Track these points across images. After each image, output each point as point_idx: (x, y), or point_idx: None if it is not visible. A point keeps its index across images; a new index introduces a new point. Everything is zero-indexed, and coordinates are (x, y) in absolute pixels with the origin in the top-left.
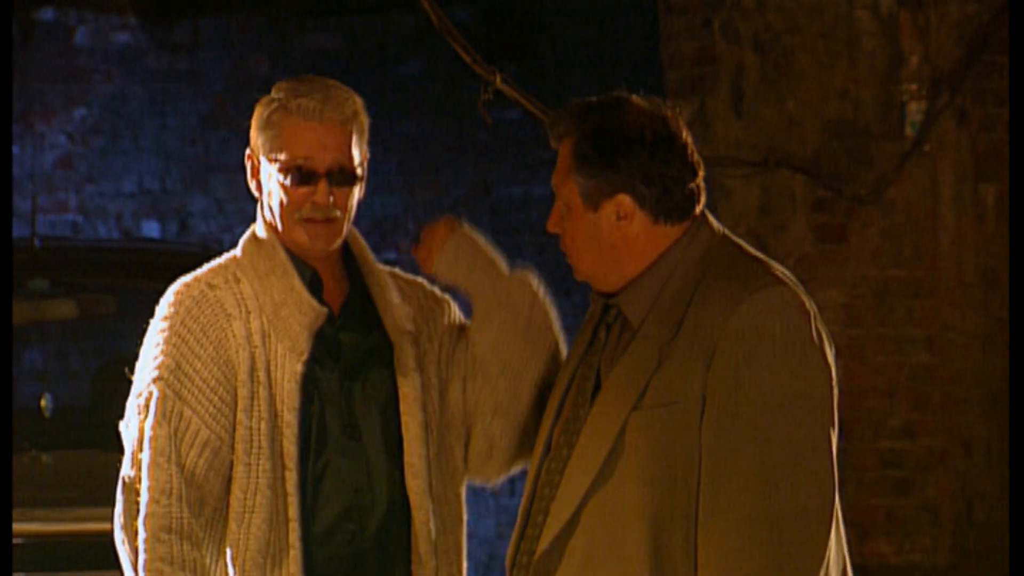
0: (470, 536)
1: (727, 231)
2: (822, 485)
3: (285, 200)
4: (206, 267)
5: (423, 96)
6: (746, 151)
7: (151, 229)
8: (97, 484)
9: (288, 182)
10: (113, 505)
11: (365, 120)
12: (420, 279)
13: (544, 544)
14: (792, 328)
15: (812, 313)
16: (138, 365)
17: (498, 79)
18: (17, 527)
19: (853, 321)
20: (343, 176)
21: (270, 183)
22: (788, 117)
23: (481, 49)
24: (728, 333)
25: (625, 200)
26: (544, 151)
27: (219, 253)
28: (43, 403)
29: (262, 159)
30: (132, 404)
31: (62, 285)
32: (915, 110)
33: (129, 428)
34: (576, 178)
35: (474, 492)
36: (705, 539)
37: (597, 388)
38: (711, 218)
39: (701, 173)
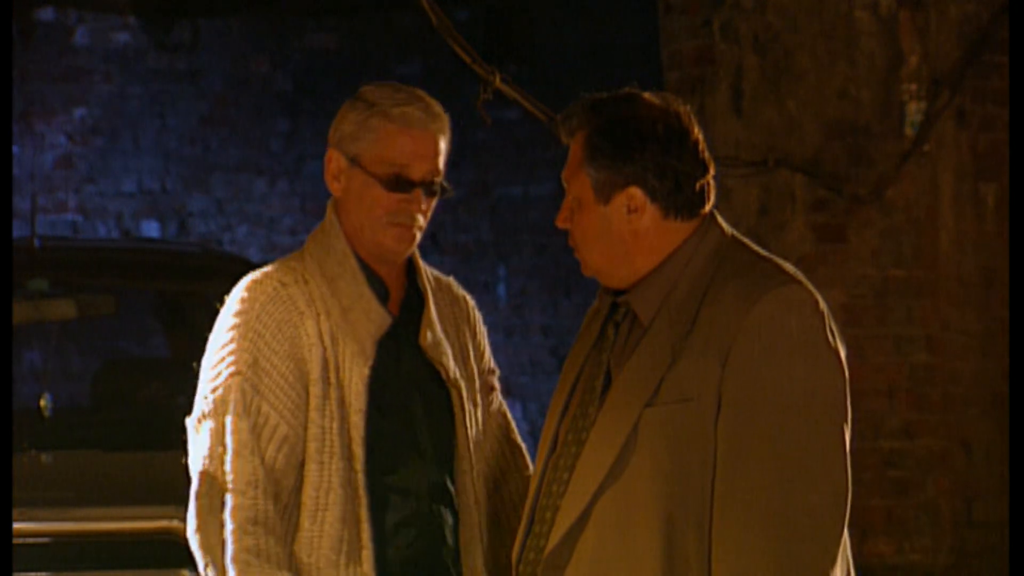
0: None
1: (736, 232)
2: (836, 484)
3: (380, 205)
4: (272, 265)
5: None
6: (746, 151)
7: (151, 229)
8: (96, 484)
9: (387, 188)
10: (110, 504)
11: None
12: (448, 278)
13: (554, 541)
14: (808, 326)
15: (825, 312)
16: (207, 360)
17: (497, 79)
18: (16, 527)
19: (853, 321)
20: (433, 187)
21: (362, 187)
22: (788, 117)
23: (480, 49)
24: (745, 330)
25: (636, 193)
26: (543, 151)
27: (219, 253)
28: (42, 403)
29: (352, 162)
30: (206, 399)
31: (62, 285)
32: (915, 110)
33: (203, 423)
34: (588, 171)
35: None
36: (719, 536)
37: (607, 386)
38: (720, 218)
39: (712, 171)
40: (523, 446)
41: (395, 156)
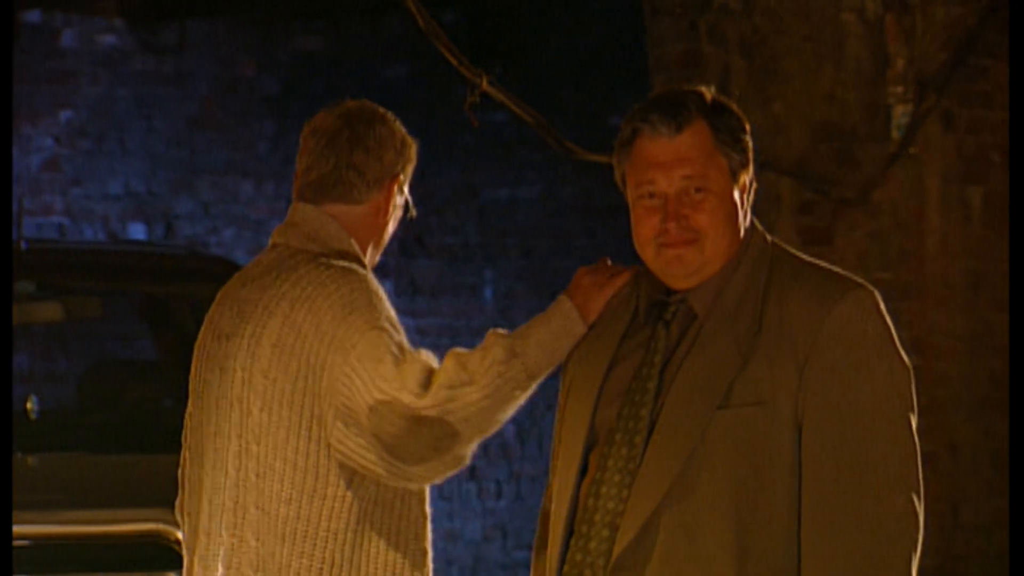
0: (455, 539)
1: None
2: (918, 486)
3: (393, 227)
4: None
5: (410, 99)
6: None
7: (137, 231)
8: (83, 486)
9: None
10: (97, 507)
11: None
12: None
13: (622, 544)
14: (883, 330)
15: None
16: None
17: (484, 81)
18: None
19: None
20: None
21: (395, 210)
22: (774, 120)
23: (467, 52)
24: (824, 335)
25: (751, 171)
26: (530, 153)
27: (206, 255)
28: (29, 405)
29: (402, 190)
30: (395, 347)
31: (48, 287)
32: (901, 113)
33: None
34: (727, 152)
35: (460, 495)
36: (809, 542)
37: (659, 386)
38: (758, 223)
39: None
40: None
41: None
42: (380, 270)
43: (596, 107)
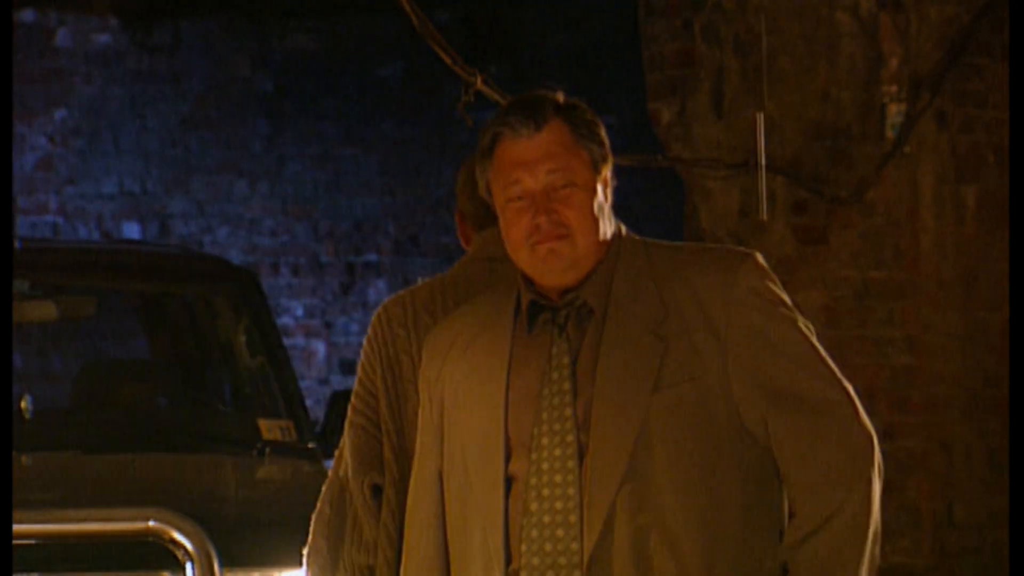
0: None
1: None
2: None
3: None
4: None
5: (404, 98)
6: (727, 153)
7: (131, 231)
8: (77, 486)
9: None
10: (91, 506)
11: None
12: None
13: (592, 540)
14: (779, 288)
15: None
16: None
17: (478, 80)
18: None
19: (833, 322)
20: None
21: None
22: (768, 119)
23: (461, 51)
24: (735, 301)
25: (611, 166)
26: None
27: (200, 255)
28: (23, 404)
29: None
30: None
31: (42, 287)
32: (895, 112)
33: None
34: (587, 144)
35: None
36: (800, 486)
37: (575, 387)
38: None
39: None
40: None
41: None
42: (375, 268)
43: (590, 106)
